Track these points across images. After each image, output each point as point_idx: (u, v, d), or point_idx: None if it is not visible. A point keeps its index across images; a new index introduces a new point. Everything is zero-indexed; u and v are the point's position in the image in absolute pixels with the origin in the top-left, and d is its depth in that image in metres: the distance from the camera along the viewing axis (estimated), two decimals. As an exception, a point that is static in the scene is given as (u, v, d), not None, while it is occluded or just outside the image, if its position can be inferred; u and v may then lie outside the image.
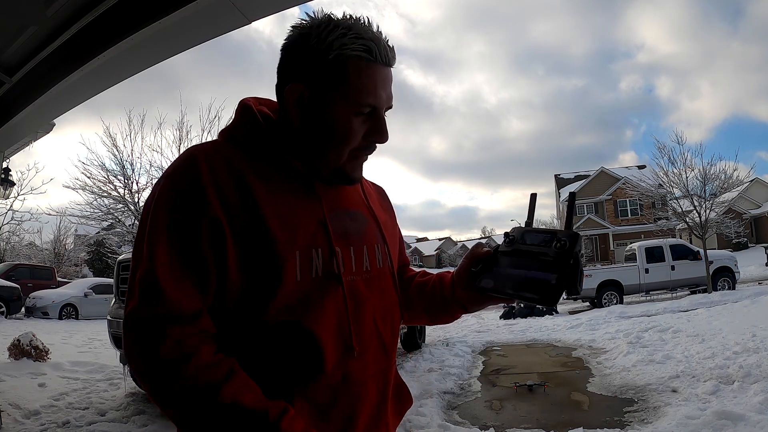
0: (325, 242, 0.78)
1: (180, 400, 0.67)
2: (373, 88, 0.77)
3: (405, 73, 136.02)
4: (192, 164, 0.74)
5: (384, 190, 1.06)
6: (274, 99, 0.86)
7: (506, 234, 0.86)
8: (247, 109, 0.83)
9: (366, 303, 0.83)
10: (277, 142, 0.81)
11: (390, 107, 0.83)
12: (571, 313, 12.53)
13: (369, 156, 0.85)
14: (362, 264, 0.84)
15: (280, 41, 0.83)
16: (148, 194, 0.80)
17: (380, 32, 0.78)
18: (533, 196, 0.87)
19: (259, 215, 0.73)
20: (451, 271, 0.97)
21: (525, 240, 0.82)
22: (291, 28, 0.80)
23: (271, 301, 0.73)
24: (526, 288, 0.76)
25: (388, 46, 0.79)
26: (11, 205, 15.42)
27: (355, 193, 0.90)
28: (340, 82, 0.77)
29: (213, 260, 0.72)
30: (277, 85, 0.83)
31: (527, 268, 0.78)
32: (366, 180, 0.98)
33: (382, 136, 0.82)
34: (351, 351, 0.79)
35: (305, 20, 0.80)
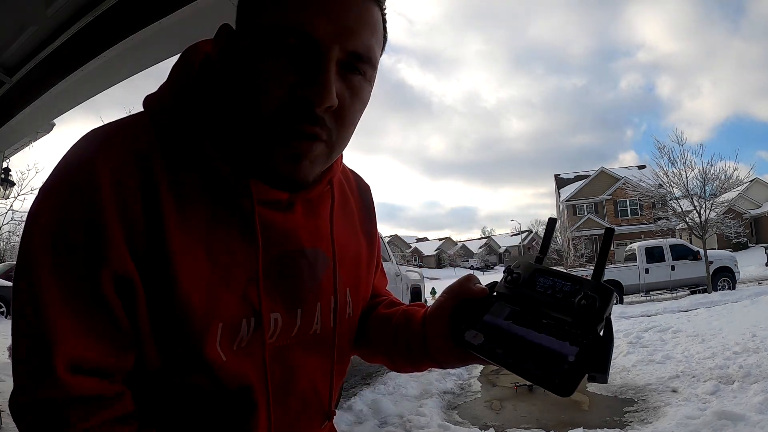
0: (257, 310, 0.55)
1: None
2: (301, 5, 0.49)
3: (403, 72, 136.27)
4: (93, 183, 0.48)
5: (368, 192, 0.77)
6: None
7: (508, 269, 0.60)
8: (186, 58, 0.58)
9: (301, 367, 0.61)
10: (209, 130, 0.54)
11: (360, 55, 0.52)
12: (571, 313, 12.52)
13: (314, 136, 0.51)
14: (311, 326, 0.61)
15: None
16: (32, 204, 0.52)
17: None
18: (551, 222, 0.64)
19: (170, 269, 0.50)
20: (425, 305, 0.70)
21: (536, 283, 0.57)
22: None
23: (187, 378, 0.53)
24: (531, 359, 0.51)
25: None
26: (11, 205, 15.44)
27: (317, 221, 0.62)
28: (256, 8, 0.52)
29: (123, 319, 0.50)
30: None
31: (536, 329, 0.53)
32: (343, 178, 0.72)
33: (312, 85, 0.49)
34: (279, 418, 0.59)
35: None
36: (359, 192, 0.75)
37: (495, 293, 0.60)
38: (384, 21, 0.57)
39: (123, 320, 0.50)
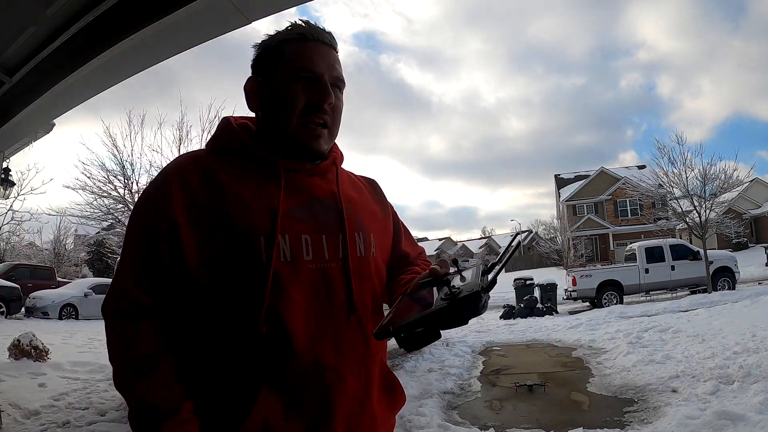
0: (291, 228, 0.83)
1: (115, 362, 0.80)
2: (308, 58, 0.88)
3: (402, 72, 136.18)
4: (166, 172, 0.87)
5: (376, 183, 1.10)
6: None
7: (455, 261, 0.80)
8: (224, 120, 0.96)
9: (339, 290, 0.85)
10: (249, 139, 0.91)
11: (339, 79, 0.91)
12: (571, 313, 12.53)
13: (323, 123, 0.89)
14: (338, 251, 0.87)
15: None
16: None
17: (318, 24, 0.92)
18: (517, 241, 0.82)
19: (223, 206, 0.82)
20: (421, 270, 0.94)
21: (461, 270, 0.77)
22: (254, 46, 0.94)
23: (239, 285, 0.80)
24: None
25: (321, 28, 0.92)
26: (11, 205, 15.40)
27: (328, 183, 0.94)
28: (280, 60, 0.89)
29: (169, 257, 0.82)
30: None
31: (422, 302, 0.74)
32: (353, 174, 1.05)
33: (322, 92, 0.88)
34: (322, 332, 0.81)
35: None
36: (366, 181, 1.08)
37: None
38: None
39: (167, 262, 0.82)
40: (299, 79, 0.88)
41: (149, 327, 0.79)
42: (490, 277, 0.71)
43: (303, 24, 0.91)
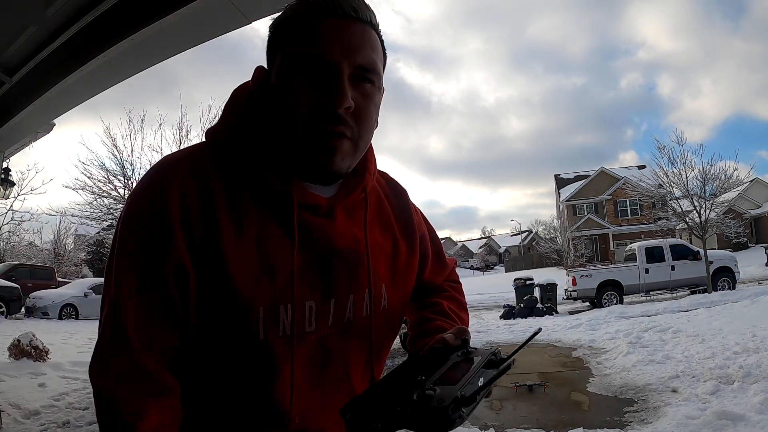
0: (294, 297, 0.66)
1: None
2: (316, 37, 0.63)
3: (402, 71, 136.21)
4: (162, 192, 0.63)
5: (402, 193, 0.86)
6: None
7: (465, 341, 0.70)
8: (235, 97, 0.72)
9: (337, 354, 0.72)
10: (258, 147, 0.68)
11: (366, 68, 0.65)
12: (571, 313, 12.53)
13: (341, 134, 0.65)
14: (343, 315, 0.71)
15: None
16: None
17: None
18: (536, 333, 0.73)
19: (223, 262, 0.63)
20: (454, 322, 0.82)
21: (470, 352, 0.67)
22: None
23: (229, 359, 0.66)
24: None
25: None
26: (11, 205, 15.40)
27: (352, 225, 0.74)
28: (283, 42, 0.67)
29: (180, 302, 0.64)
30: None
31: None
32: (381, 190, 0.83)
33: (330, 94, 0.62)
34: (312, 402, 0.70)
35: None
36: (393, 196, 0.85)
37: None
38: (382, 42, 0.70)
39: (179, 303, 0.64)
40: (303, 70, 0.64)
41: (160, 407, 0.62)
42: (480, 381, 0.58)
43: None
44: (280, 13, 0.69)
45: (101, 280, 16.68)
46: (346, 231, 0.72)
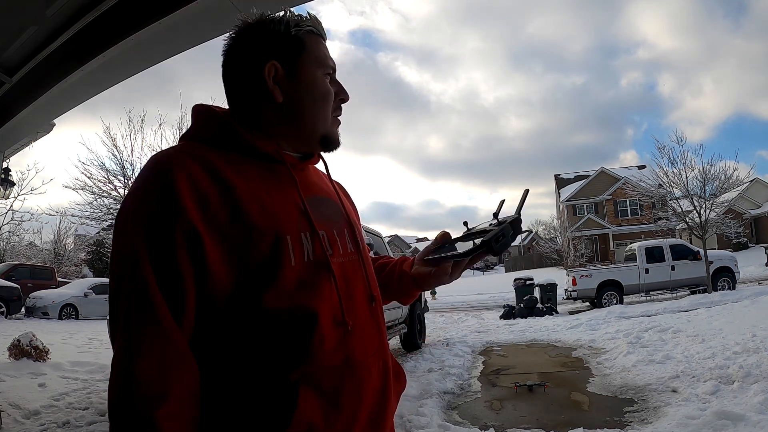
0: (310, 226, 0.81)
1: None
2: (327, 55, 0.89)
3: (400, 70, 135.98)
4: (164, 175, 0.73)
5: (345, 188, 1.11)
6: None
7: (465, 223, 1.02)
8: (207, 108, 0.87)
9: (355, 283, 0.86)
10: (244, 130, 0.83)
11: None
12: (571, 313, 12.53)
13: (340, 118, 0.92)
14: (346, 246, 0.87)
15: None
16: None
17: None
18: (526, 192, 0.95)
19: (241, 209, 0.75)
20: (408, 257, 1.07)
21: (476, 229, 0.98)
22: (235, 29, 0.87)
23: (269, 290, 0.74)
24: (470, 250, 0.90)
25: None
26: (11, 205, 15.41)
27: (323, 180, 0.95)
28: (306, 52, 0.86)
29: (192, 275, 0.72)
30: (236, 74, 0.87)
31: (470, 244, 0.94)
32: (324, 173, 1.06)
33: (344, 92, 0.91)
34: (345, 327, 0.80)
35: (242, 20, 0.88)
36: (340, 186, 1.08)
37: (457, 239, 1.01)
38: None
39: (190, 285, 0.72)
40: (326, 74, 0.88)
41: (183, 379, 0.70)
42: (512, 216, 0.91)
43: (311, 18, 0.89)
44: (271, 22, 0.86)
45: (101, 280, 16.68)
46: (319, 182, 0.93)
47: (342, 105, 0.91)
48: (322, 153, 0.93)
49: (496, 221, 0.91)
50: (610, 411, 4.16)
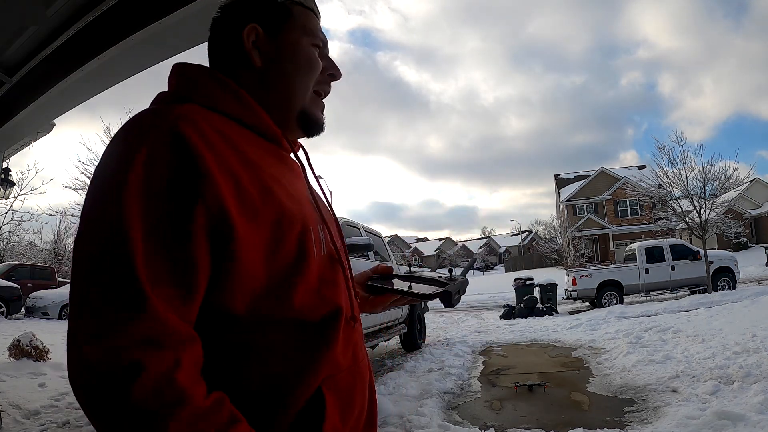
0: (321, 218, 0.76)
1: None
2: (318, 28, 0.82)
3: (399, 70, 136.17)
4: (174, 135, 0.58)
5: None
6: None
7: (409, 264, 1.04)
8: (198, 66, 0.75)
9: (350, 276, 0.82)
10: (254, 102, 0.73)
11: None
12: (571, 313, 12.53)
13: (325, 99, 0.83)
14: (338, 240, 0.80)
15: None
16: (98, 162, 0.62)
17: None
18: (473, 260, 1.09)
19: (271, 189, 0.65)
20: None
21: (420, 274, 0.97)
22: None
23: (298, 286, 0.65)
24: (414, 291, 0.90)
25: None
26: (11, 205, 15.43)
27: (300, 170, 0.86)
28: (293, 19, 0.78)
29: (207, 272, 0.58)
30: (217, 40, 0.79)
31: (415, 282, 0.93)
32: None
33: (337, 69, 0.83)
34: (353, 323, 0.76)
35: None
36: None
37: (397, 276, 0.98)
38: None
39: (205, 269, 0.58)
40: (315, 45, 0.79)
41: (194, 367, 0.56)
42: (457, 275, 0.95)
43: None
44: None
45: (101, 280, 16.67)
46: (299, 169, 0.83)
47: (332, 84, 0.83)
48: (305, 138, 0.83)
49: (447, 275, 0.93)
50: (610, 411, 4.16)
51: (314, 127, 0.80)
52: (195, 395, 0.53)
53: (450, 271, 0.96)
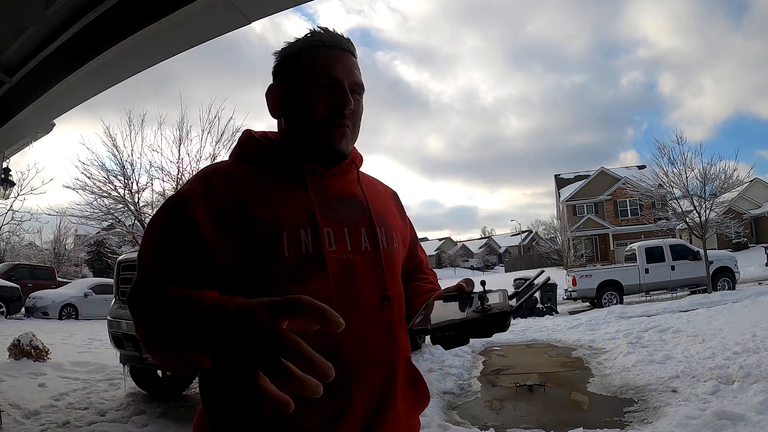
0: (312, 223, 0.85)
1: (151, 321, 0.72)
2: (327, 65, 0.90)
3: (399, 70, 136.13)
4: (190, 180, 0.88)
5: (396, 194, 1.14)
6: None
7: (482, 282, 0.91)
8: (245, 132, 0.98)
9: (363, 281, 0.86)
10: (270, 145, 0.93)
11: (358, 84, 0.93)
12: (571, 313, 12.54)
13: (346, 125, 0.91)
14: (360, 243, 0.89)
15: (272, 37, 0.92)
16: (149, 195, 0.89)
17: (334, 30, 0.95)
18: (542, 278, 0.98)
19: (244, 204, 0.83)
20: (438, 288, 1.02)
21: (486, 291, 0.88)
22: (274, 54, 0.97)
23: (260, 278, 0.80)
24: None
25: (340, 35, 0.94)
26: (11, 205, 15.41)
27: (349, 183, 0.97)
28: (300, 68, 0.92)
29: (190, 250, 0.80)
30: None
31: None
32: (376, 180, 1.10)
33: (342, 99, 0.90)
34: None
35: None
36: (385, 188, 1.13)
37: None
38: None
39: (187, 255, 0.79)
40: (320, 85, 0.90)
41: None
42: (515, 302, 0.82)
43: (321, 31, 0.93)
44: (287, 46, 0.95)
45: (101, 280, 16.69)
46: (345, 186, 0.96)
47: (348, 115, 0.91)
48: (346, 161, 0.96)
49: (513, 302, 0.84)
50: (610, 411, 4.16)
51: (331, 155, 0.92)
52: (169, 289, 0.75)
53: (509, 294, 0.89)
